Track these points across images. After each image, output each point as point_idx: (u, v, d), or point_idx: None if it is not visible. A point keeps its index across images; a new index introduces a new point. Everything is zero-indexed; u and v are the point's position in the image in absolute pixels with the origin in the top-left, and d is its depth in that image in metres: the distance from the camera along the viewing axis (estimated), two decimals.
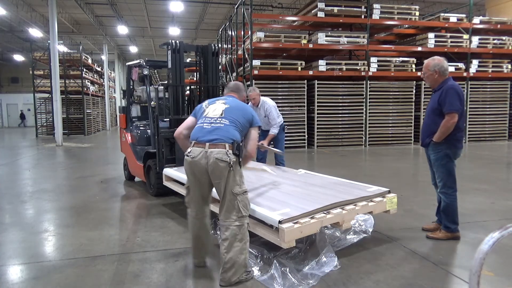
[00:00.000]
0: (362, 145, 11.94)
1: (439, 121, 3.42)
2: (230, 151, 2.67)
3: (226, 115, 2.83)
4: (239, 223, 2.67)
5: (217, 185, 2.73)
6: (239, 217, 2.68)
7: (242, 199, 2.70)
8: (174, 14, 19.70)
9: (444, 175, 3.51)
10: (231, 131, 2.76)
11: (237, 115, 2.84)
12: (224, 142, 2.69)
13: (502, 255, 3.15)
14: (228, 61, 14.49)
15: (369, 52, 11.82)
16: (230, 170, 2.65)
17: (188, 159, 2.77)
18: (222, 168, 2.65)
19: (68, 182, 6.80)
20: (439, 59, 3.54)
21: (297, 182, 4.06)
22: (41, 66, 19.21)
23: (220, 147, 2.67)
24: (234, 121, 2.81)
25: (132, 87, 6.64)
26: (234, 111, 2.87)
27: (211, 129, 2.77)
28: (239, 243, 2.65)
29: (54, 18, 13.22)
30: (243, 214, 2.70)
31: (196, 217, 2.92)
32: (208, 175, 2.72)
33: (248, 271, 2.77)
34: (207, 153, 2.67)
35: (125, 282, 2.78)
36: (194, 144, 2.77)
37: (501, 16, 13.77)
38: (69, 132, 18.09)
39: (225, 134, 2.72)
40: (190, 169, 2.79)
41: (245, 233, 2.72)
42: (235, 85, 3.25)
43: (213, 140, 2.70)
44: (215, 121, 2.81)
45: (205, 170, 2.70)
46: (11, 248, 3.56)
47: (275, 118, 5.40)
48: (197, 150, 2.72)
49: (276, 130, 5.42)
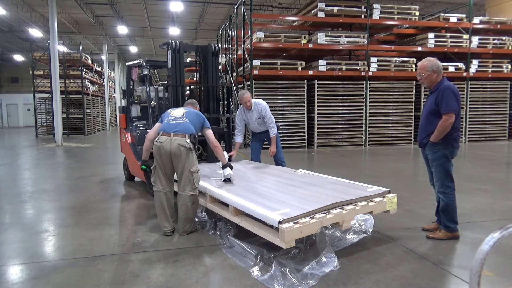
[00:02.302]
0: (362, 145, 11.94)
1: (436, 121, 3.45)
2: (188, 140, 3.65)
3: (186, 116, 3.87)
4: (193, 192, 3.69)
5: (177, 164, 3.64)
6: (193, 188, 3.68)
7: (196, 176, 3.68)
8: (174, 14, 19.71)
9: (442, 174, 3.53)
10: (189, 126, 3.77)
11: (193, 117, 3.90)
12: (184, 133, 3.68)
13: (502, 255, 3.15)
14: (228, 61, 14.50)
15: (369, 52, 11.82)
16: (187, 152, 3.59)
17: (157, 144, 3.67)
18: (181, 151, 3.59)
19: (68, 182, 6.80)
20: (433, 59, 3.61)
21: (297, 182, 4.06)
22: (41, 66, 19.20)
23: (181, 136, 3.65)
24: (191, 120, 3.84)
25: (132, 87, 6.64)
26: (191, 114, 3.93)
27: (175, 124, 3.76)
28: (192, 205, 3.71)
29: (54, 18, 13.22)
30: (196, 186, 3.71)
31: (163, 191, 3.77)
32: (171, 157, 3.63)
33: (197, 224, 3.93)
34: (171, 140, 3.62)
35: (125, 282, 2.78)
36: (162, 134, 3.71)
37: (501, 16, 13.78)
38: (69, 132, 18.09)
39: (185, 128, 3.73)
40: (158, 152, 3.67)
41: (196, 199, 3.76)
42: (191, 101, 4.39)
43: (176, 131, 3.68)
44: (178, 119, 3.82)
45: (169, 152, 3.61)
46: (11, 248, 3.56)
47: (271, 117, 5.30)
48: (164, 137, 3.66)
49: (276, 129, 5.34)
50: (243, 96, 5.24)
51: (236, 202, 3.31)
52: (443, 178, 3.53)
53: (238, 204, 3.28)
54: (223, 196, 3.55)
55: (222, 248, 3.34)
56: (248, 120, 5.43)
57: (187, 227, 3.73)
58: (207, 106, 5.75)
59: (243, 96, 5.24)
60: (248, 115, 5.38)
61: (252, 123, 5.40)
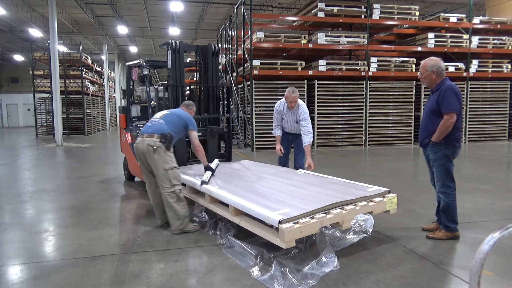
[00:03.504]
0: (362, 145, 11.94)
1: (437, 121, 3.44)
2: (157, 140, 3.75)
3: (163, 118, 4.01)
4: (172, 189, 3.75)
5: (151, 163, 3.82)
6: (171, 185, 3.75)
7: (171, 173, 3.77)
8: (174, 14, 19.71)
9: (443, 174, 3.52)
10: (161, 127, 3.87)
11: (173, 118, 4.01)
12: (155, 133, 3.81)
13: (502, 255, 3.15)
14: (228, 61, 14.50)
15: (369, 52, 11.82)
16: (155, 151, 3.72)
17: (135, 145, 3.93)
18: (150, 150, 3.74)
19: (68, 182, 6.80)
20: (436, 59, 3.57)
21: (297, 182, 4.06)
22: (41, 66, 19.20)
23: (151, 137, 3.79)
24: (168, 121, 3.95)
25: (132, 87, 6.64)
26: (171, 115, 4.06)
27: (151, 125, 3.95)
28: (176, 202, 3.74)
29: (54, 18, 13.22)
30: (174, 183, 3.77)
31: (150, 187, 4.00)
32: (145, 156, 3.81)
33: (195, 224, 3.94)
34: (144, 141, 3.80)
35: (125, 282, 2.78)
36: (139, 135, 3.96)
37: (501, 16, 13.78)
38: (69, 132, 18.09)
39: (157, 128, 3.86)
40: (136, 152, 3.94)
41: (178, 194, 3.79)
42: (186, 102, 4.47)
43: (149, 132, 3.85)
44: (155, 121, 4.02)
45: (142, 152, 3.82)
46: (11, 248, 3.56)
47: (309, 123, 4.78)
48: (139, 139, 3.88)
49: (311, 138, 4.77)
50: (291, 94, 4.72)
51: (236, 202, 3.31)
52: (444, 178, 3.53)
53: (238, 204, 3.28)
54: (223, 196, 3.55)
55: (222, 248, 3.34)
56: (284, 117, 4.99)
57: (176, 225, 3.78)
58: (207, 106, 5.75)
59: (291, 94, 4.72)
60: (288, 113, 4.93)
61: (287, 122, 4.98)
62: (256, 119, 11.24)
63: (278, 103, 5.02)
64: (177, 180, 3.81)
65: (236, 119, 13.08)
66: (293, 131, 4.99)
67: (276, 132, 5.07)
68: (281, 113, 4.99)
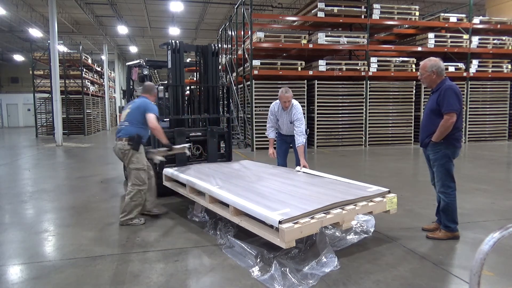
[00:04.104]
0: (362, 145, 11.94)
1: (437, 121, 3.44)
2: (126, 143, 4.15)
3: (127, 119, 4.28)
4: (132, 188, 4.17)
5: (125, 163, 4.30)
6: (132, 184, 4.18)
7: (135, 173, 4.18)
8: (174, 14, 19.71)
9: (443, 174, 3.53)
10: (129, 129, 4.21)
11: (135, 115, 4.25)
12: (123, 137, 4.18)
13: (502, 255, 3.15)
14: (228, 61, 14.51)
15: (369, 52, 11.82)
16: (126, 153, 4.16)
17: (112, 148, 4.38)
18: (121, 152, 4.19)
19: (68, 182, 6.80)
20: (435, 59, 3.57)
21: (297, 182, 4.06)
22: (41, 66, 19.19)
23: (120, 140, 4.18)
24: (131, 121, 4.24)
25: (132, 87, 6.64)
26: (133, 113, 4.27)
27: (119, 129, 4.29)
28: (130, 198, 4.14)
29: (54, 18, 13.22)
30: (134, 183, 4.18)
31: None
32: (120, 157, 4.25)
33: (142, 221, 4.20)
34: (116, 145, 4.23)
35: (125, 282, 2.78)
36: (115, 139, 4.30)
37: (501, 16, 13.78)
38: (69, 132, 18.08)
39: (124, 132, 4.21)
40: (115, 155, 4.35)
41: (136, 193, 4.17)
42: (148, 86, 4.55)
43: (119, 136, 4.22)
44: (121, 124, 4.34)
45: (117, 155, 4.28)
46: (11, 248, 3.56)
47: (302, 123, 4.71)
48: (115, 143, 4.29)
49: (303, 138, 4.72)
50: (285, 94, 4.67)
51: (236, 202, 3.31)
52: (444, 178, 3.53)
53: (238, 204, 3.28)
54: (223, 196, 3.55)
55: (222, 248, 3.34)
56: (279, 119, 4.97)
57: (121, 216, 4.15)
58: (207, 106, 5.75)
59: (285, 94, 4.67)
60: (282, 114, 4.90)
61: (283, 124, 4.96)
62: (256, 119, 11.24)
63: (273, 104, 4.99)
64: (138, 181, 4.18)
65: (236, 119, 13.08)
66: (290, 132, 4.92)
67: (270, 134, 5.04)
68: (276, 114, 4.97)
